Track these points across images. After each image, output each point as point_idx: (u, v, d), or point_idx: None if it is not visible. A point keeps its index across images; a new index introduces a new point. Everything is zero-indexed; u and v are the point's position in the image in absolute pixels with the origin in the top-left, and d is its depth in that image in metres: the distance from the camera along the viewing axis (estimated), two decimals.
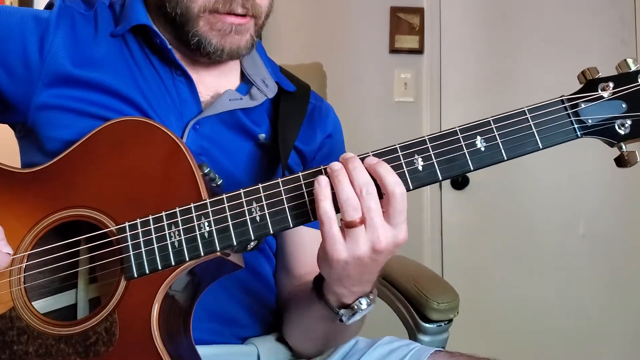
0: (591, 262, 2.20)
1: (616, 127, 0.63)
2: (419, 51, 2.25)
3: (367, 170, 0.62)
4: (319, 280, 0.73)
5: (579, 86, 0.66)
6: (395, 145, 0.64)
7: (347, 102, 2.12)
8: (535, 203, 2.21)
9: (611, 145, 0.64)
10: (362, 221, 0.61)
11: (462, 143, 0.63)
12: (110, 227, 0.67)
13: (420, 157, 0.63)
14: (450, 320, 1.13)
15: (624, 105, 0.63)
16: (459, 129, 0.63)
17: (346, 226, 0.62)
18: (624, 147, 0.64)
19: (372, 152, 0.64)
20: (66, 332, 0.66)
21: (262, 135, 0.87)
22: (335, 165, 0.63)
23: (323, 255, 0.65)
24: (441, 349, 0.83)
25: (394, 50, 2.25)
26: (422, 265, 1.38)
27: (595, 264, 2.20)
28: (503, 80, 2.22)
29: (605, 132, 0.63)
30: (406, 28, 2.25)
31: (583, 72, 0.66)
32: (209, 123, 0.83)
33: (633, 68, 0.63)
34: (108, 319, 0.65)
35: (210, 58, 0.82)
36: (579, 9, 2.24)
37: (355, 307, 0.70)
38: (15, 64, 0.78)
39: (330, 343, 0.83)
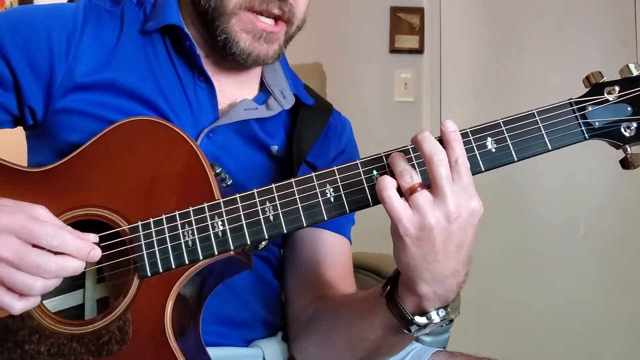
0: (592, 263, 2.21)
1: (622, 130, 0.64)
2: (419, 51, 2.26)
3: (443, 137, 0.62)
4: (393, 284, 0.68)
5: (579, 86, 0.67)
6: (407, 146, 0.65)
7: (347, 102, 2.09)
8: (536, 203, 2.22)
9: (617, 147, 0.66)
10: (423, 187, 0.60)
11: (473, 144, 0.64)
12: (122, 227, 0.67)
13: None
14: (451, 321, 1.13)
15: (629, 109, 0.64)
16: (470, 131, 0.64)
17: (408, 193, 0.60)
18: (629, 149, 0.65)
19: (384, 152, 0.65)
20: (78, 331, 0.66)
21: (275, 147, 0.86)
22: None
23: (396, 237, 0.61)
24: (442, 349, 0.83)
25: (394, 50, 2.25)
26: None
27: (596, 264, 2.21)
28: (503, 80, 2.23)
29: (611, 134, 0.65)
30: (406, 28, 2.26)
31: (587, 77, 0.67)
32: (223, 132, 0.82)
33: (635, 73, 0.65)
34: (121, 318, 0.65)
35: (234, 59, 0.81)
36: (579, 8, 2.24)
37: (432, 316, 0.65)
38: (42, 67, 0.77)
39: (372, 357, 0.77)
